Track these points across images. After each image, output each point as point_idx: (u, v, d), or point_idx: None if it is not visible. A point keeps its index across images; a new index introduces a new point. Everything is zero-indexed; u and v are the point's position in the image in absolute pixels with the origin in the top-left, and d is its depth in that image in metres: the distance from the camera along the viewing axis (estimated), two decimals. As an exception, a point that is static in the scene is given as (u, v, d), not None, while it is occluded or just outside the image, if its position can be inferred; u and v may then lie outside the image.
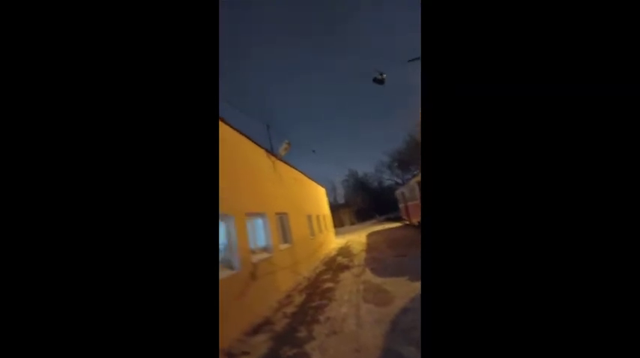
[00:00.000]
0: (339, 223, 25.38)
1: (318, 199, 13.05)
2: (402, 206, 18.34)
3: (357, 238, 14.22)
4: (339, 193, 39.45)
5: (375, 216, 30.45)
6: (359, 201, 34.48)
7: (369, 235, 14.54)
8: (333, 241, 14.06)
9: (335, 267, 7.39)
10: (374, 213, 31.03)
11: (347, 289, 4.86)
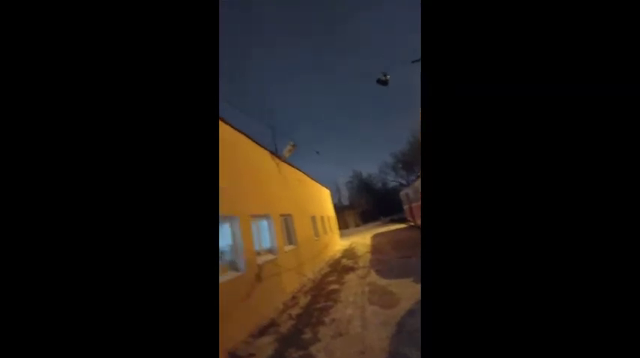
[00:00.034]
0: (343, 225, 25.32)
1: (322, 201, 13.05)
2: (406, 207, 18.26)
3: (362, 240, 14.18)
4: (344, 195, 39.49)
5: (379, 217, 30.35)
6: (363, 203, 34.43)
7: (374, 237, 14.49)
8: (337, 243, 14.04)
9: (340, 268, 7.37)
10: (378, 215, 30.93)
11: (352, 291, 4.85)
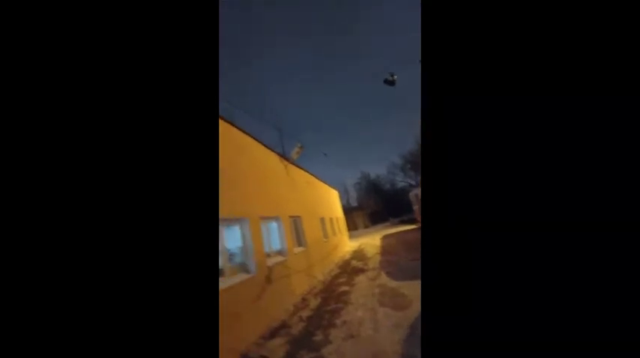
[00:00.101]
0: (352, 226, 25.22)
1: (331, 202, 13.03)
2: (416, 208, 18.05)
3: (371, 241, 14.08)
4: (352, 196, 39.32)
5: (388, 218, 30.10)
6: (372, 204, 34.21)
7: (383, 238, 14.37)
8: (347, 244, 13.98)
9: (350, 270, 7.33)
10: (387, 216, 30.67)
11: (362, 293, 4.81)
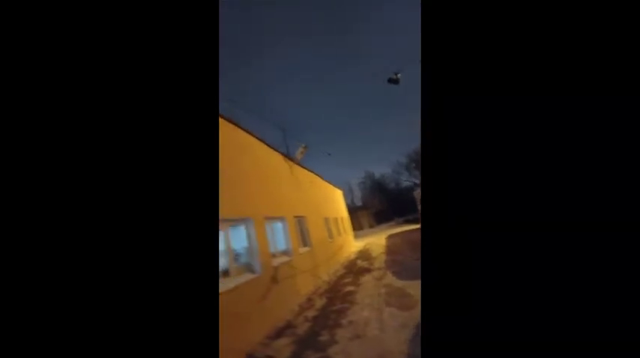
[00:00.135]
0: (357, 226, 25.12)
1: (335, 202, 13.01)
2: (420, 207, 17.93)
3: (377, 241, 14.04)
4: (356, 195, 39.19)
5: (393, 218, 29.96)
6: (377, 203, 34.06)
7: (389, 237, 14.33)
8: (352, 244, 13.95)
9: (355, 270, 7.31)
10: (392, 215, 30.53)
11: (368, 292, 4.79)
